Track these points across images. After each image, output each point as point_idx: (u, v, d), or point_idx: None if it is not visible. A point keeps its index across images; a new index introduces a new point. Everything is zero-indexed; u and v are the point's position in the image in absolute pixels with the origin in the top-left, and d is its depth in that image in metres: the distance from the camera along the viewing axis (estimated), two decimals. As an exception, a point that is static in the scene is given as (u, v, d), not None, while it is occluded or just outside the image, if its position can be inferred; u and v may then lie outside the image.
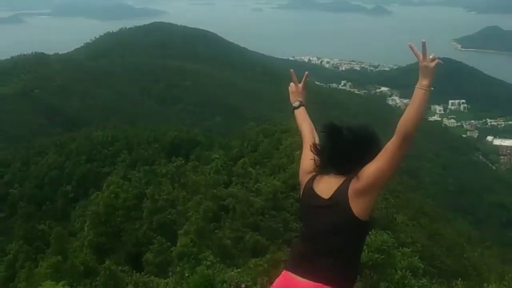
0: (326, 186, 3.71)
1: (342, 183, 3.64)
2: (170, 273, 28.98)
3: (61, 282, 33.59)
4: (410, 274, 6.99)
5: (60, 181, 78.63)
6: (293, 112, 4.59)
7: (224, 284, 8.40)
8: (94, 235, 49.09)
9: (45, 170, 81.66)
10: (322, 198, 3.70)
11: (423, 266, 7.67)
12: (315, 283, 3.32)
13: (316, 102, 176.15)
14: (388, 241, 7.55)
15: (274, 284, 3.61)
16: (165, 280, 21.36)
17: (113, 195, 52.71)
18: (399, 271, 7.03)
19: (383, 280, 7.05)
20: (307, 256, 3.44)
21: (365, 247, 7.61)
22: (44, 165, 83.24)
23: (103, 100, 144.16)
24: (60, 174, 79.82)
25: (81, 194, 73.60)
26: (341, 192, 3.65)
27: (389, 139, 3.68)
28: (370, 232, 8.44)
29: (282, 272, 3.63)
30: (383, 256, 7.24)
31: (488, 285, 6.80)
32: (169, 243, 44.17)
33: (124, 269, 28.64)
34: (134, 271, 28.74)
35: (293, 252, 3.76)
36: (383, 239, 7.55)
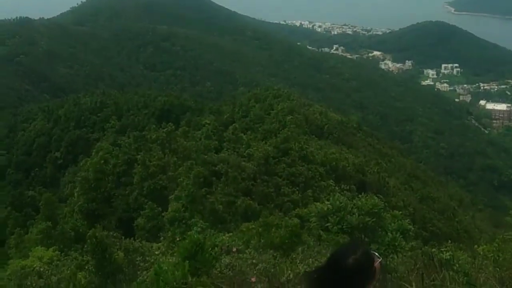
0: None
1: None
2: (161, 238, 28.75)
3: (52, 248, 33.32)
4: (401, 236, 6.51)
5: (48, 148, 78.02)
6: None
7: (216, 248, 7.93)
8: (84, 201, 48.82)
9: (33, 137, 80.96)
10: None
11: (413, 229, 7.20)
12: None
13: (308, 66, 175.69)
14: (378, 205, 7.07)
15: None
16: (157, 245, 20.99)
17: (102, 161, 52.27)
18: (389, 233, 6.54)
19: (374, 242, 6.57)
20: None
21: (355, 210, 7.06)
22: (32, 132, 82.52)
23: (91, 66, 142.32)
24: (49, 141, 79.16)
25: (70, 160, 73.07)
26: None
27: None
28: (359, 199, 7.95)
29: None
30: (374, 219, 6.76)
31: (479, 247, 6.43)
32: (160, 209, 43.98)
33: (114, 234, 28.22)
34: (124, 237, 28.36)
35: None
36: (373, 203, 7.06)
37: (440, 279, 5.20)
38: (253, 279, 5.37)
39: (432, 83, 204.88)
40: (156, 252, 12.83)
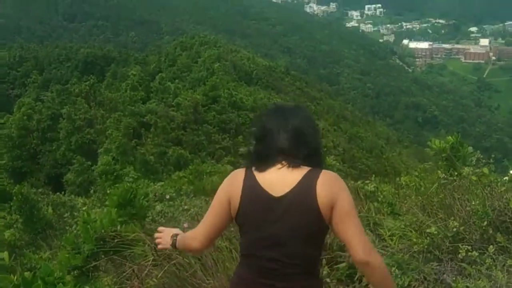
0: (280, 180, 2.49)
1: (306, 174, 2.49)
2: (91, 191, 28.23)
3: (-23, 209, 32.15)
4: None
5: (-34, 106, 74.30)
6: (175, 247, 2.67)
7: (149, 196, 7.75)
8: (8, 159, 47.17)
9: None
10: (276, 196, 2.48)
11: (337, 164, 7.28)
12: None
13: (235, 13, 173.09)
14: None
15: None
16: (82, 200, 20.53)
17: (25, 117, 50.25)
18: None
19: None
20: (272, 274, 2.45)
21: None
22: None
23: (6, 18, 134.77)
24: (-34, 99, 75.29)
25: (-9, 118, 70.00)
26: (307, 186, 2.46)
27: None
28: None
29: None
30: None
31: (400, 179, 6.67)
32: (89, 163, 43.05)
33: (42, 191, 27.44)
34: (51, 193, 27.60)
35: (243, 279, 2.58)
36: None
37: (365, 211, 5.28)
38: (186, 225, 5.28)
39: (356, 24, 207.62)
40: (84, 208, 12.51)
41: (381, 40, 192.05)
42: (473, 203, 4.47)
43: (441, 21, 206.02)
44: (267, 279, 2.46)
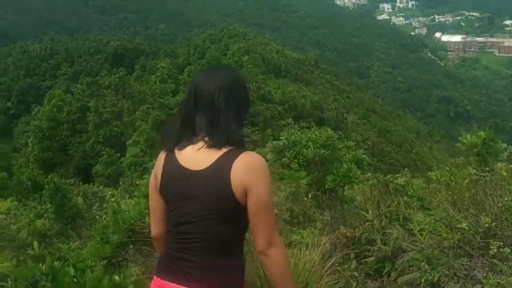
0: (198, 158, 2.44)
1: (225, 153, 2.42)
2: (121, 183, 28.57)
3: (9, 199, 32.82)
4: (356, 166, 6.56)
5: (-2, 98, 75.95)
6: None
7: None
8: (39, 150, 48.02)
9: (-20, 87, 78.48)
10: (191, 170, 2.44)
11: (367, 158, 7.25)
12: None
13: (264, 5, 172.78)
14: (333, 136, 7.05)
15: None
16: (111, 192, 20.79)
17: (55, 109, 51.07)
18: (344, 164, 6.56)
19: (330, 174, 6.62)
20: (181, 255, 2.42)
21: (310, 143, 7.00)
22: (-21, 81, 79.86)
23: (37, 11, 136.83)
24: (-2, 90, 76.94)
25: (22, 110, 71.35)
26: (222, 165, 2.39)
27: None
28: (313, 132, 7.78)
29: (154, 279, 2.67)
30: (328, 151, 6.76)
31: (431, 172, 6.60)
32: (118, 154, 43.61)
33: (72, 182, 27.89)
34: (81, 183, 28.06)
35: (167, 254, 2.62)
36: (327, 135, 7.04)
37: (395, 205, 5.24)
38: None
39: (387, 17, 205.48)
40: (112, 199, 12.68)
41: (412, 33, 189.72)
42: (506, 199, 4.40)
43: (475, 14, 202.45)
44: (187, 254, 2.45)
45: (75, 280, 3.21)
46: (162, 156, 2.56)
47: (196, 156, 2.44)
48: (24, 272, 3.13)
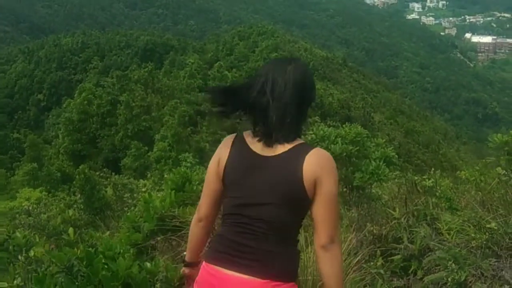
0: (269, 145, 2.46)
1: (297, 145, 2.44)
2: (149, 176, 28.82)
3: (39, 189, 33.44)
4: (384, 164, 6.55)
5: (31, 90, 77.04)
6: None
7: (203, 183, 7.87)
8: (69, 142, 48.76)
9: (14, 79, 79.64)
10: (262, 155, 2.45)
11: (396, 155, 7.23)
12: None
13: (293, 3, 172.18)
14: (362, 133, 7.04)
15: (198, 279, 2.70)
16: (143, 182, 21.00)
17: (86, 102, 51.81)
18: (373, 162, 6.57)
19: (358, 171, 6.62)
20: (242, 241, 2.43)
21: (339, 139, 7.03)
22: (12, 74, 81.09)
23: (70, 5, 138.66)
24: (31, 83, 78.02)
25: (54, 102, 72.44)
26: (295, 155, 2.41)
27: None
28: (343, 128, 7.81)
29: (203, 265, 2.63)
30: (357, 148, 6.77)
31: (460, 173, 6.54)
32: (146, 148, 44.05)
33: (101, 174, 28.28)
34: (112, 173, 28.40)
35: (221, 238, 2.60)
36: (357, 131, 7.03)
37: (423, 205, 5.23)
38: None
39: (417, 17, 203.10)
40: (143, 189, 12.83)
41: (442, 33, 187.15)
42: (536, 200, 4.37)
43: (506, 15, 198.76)
44: (243, 238, 2.45)
45: (105, 266, 3.30)
46: (229, 139, 2.60)
47: (266, 143, 2.46)
48: (61, 256, 3.21)
